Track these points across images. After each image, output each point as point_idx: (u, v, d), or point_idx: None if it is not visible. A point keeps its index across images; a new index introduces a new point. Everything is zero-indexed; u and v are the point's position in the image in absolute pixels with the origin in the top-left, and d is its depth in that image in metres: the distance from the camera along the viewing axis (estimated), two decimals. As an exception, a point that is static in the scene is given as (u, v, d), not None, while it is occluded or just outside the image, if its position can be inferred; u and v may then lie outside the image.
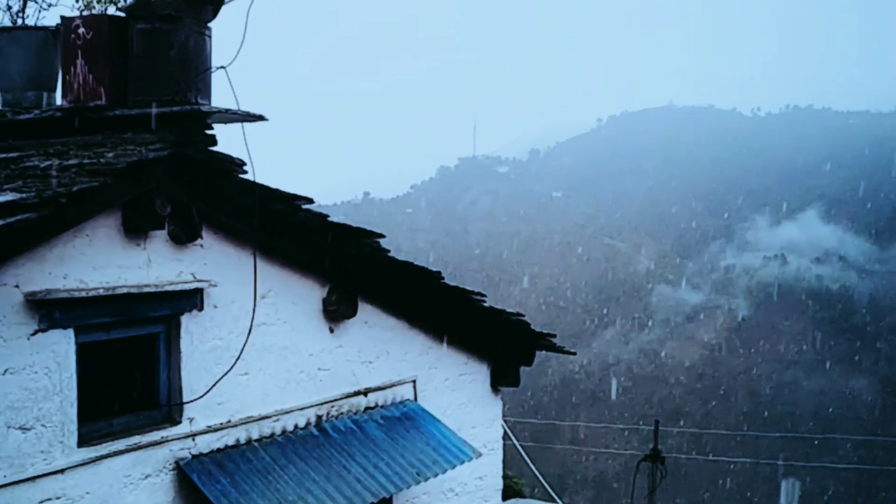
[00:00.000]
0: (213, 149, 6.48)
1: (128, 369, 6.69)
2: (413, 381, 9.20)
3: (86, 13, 6.99)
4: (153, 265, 6.45)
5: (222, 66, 6.54)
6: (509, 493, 18.38)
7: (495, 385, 10.41)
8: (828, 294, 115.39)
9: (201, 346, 6.84)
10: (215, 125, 6.66)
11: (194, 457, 6.79)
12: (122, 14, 6.76)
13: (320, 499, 7.19)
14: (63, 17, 6.87)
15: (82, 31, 6.65)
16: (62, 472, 5.91)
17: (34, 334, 5.74)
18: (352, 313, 8.24)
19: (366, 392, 8.59)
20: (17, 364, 5.67)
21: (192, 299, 6.73)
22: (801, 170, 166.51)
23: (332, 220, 7.61)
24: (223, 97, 6.68)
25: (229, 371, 6.93)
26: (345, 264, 8.06)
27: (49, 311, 5.79)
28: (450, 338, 9.62)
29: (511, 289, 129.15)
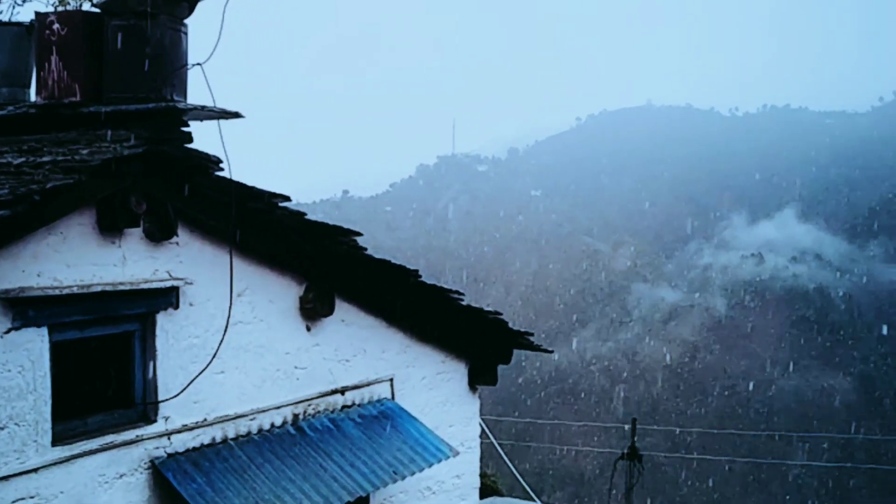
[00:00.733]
0: (189, 146, 6.45)
1: (103, 368, 6.65)
2: (390, 380, 9.20)
3: (60, 9, 6.93)
4: (128, 263, 6.41)
5: (198, 63, 6.51)
6: (488, 491, 18.41)
7: (473, 383, 10.42)
8: (805, 293, 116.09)
9: (177, 344, 6.81)
10: (192, 122, 6.62)
11: (170, 456, 6.76)
12: (97, 10, 6.71)
13: (297, 497, 7.17)
14: (37, 13, 6.82)
15: (57, 27, 6.60)
16: (36, 471, 5.87)
17: (7, 332, 5.69)
18: (329, 312, 8.23)
19: (343, 391, 8.57)
20: (-10, 362, 5.62)
21: (167, 297, 6.70)
22: (778, 169, 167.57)
23: (310, 218, 7.59)
24: (203, 94, 6.66)
25: (205, 369, 6.91)
26: (322, 262, 8.05)
27: (23, 309, 5.74)
28: (427, 336, 9.62)
29: (490, 287, 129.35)
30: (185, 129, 6.48)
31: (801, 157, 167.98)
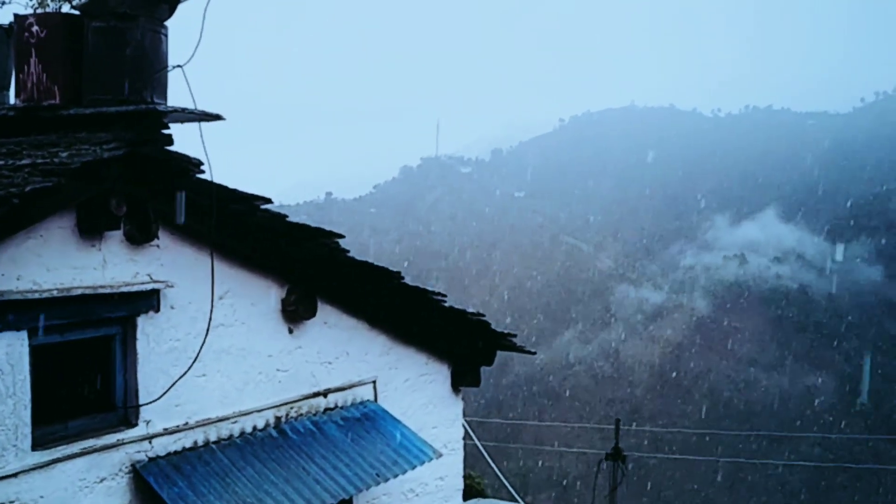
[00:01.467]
0: (170, 148, 6.42)
1: (83, 371, 6.61)
2: (373, 382, 9.19)
3: (40, 11, 6.90)
4: (109, 266, 6.38)
5: (179, 65, 6.48)
6: (472, 492, 18.42)
7: (456, 385, 10.43)
8: (787, 293, 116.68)
9: (158, 347, 6.78)
10: (172, 125, 6.59)
11: (151, 459, 6.73)
12: (76, 12, 6.68)
13: (279, 500, 7.15)
14: (16, 16, 6.77)
15: (36, 29, 6.56)
16: (16, 475, 5.83)
17: (-13, 336, 5.66)
18: (311, 314, 8.21)
19: (325, 393, 8.56)
20: (-31, 367, 5.59)
21: (148, 300, 6.67)
22: (761, 170, 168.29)
23: (292, 220, 7.58)
24: (185, 96, 6.62)
25: (186, 373, 6.88)
26: (304, 265, 8.03)
27: (2, 312, 5.71)
28: (410, 338, 9.61)
29: (474, 289, 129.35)
30: (166, 132, 6.44)
31: (784, 158, 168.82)
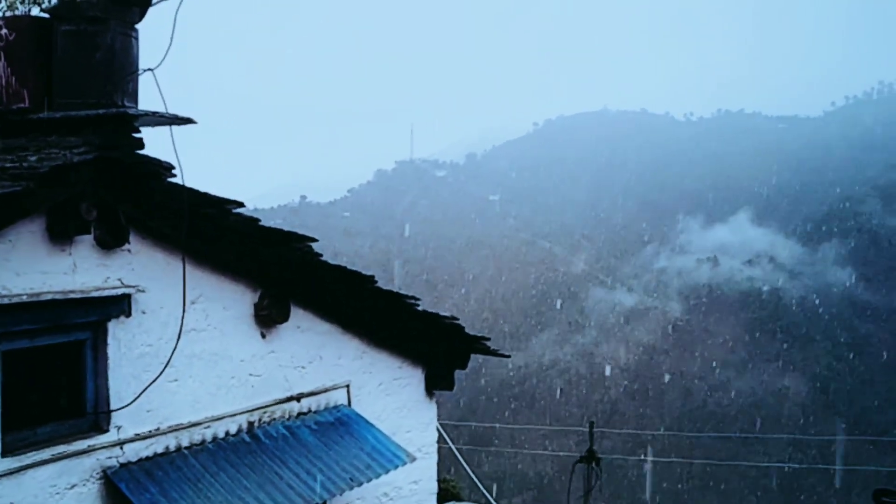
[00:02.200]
0: (141, 152, 6.38)
1: (53, 377, 6.55)
2: (347, 386, 9.16)
3: (8, 14, 6.85)
4: (79, 271, 6.33)
5: (150, 69, 6.44)
6: (447, 496, 18.42)
7: (430, 389, 10.42)
8: (759, 295, 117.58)
9: (129, 352, 6.73)
10: (144, 128, 6.54)
11: (122, 465, 6.68)
12: (46, 15, 6.62)
13: (252, 506, 7.11)
14: (-15, 18, 6.72)
15: (5, 32, 6.50)
16: (-15, 482, 5.77)
17: (-46, 342, 5.61)
18: (284, 318, 8.18)
19: (299, 397, 8.53)
20: (-63, 373, 5.53)
21: (119, 305, 6.62)
22: (732, 173, 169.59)
23: (264, 224, 7.55)
24: (156, 100, 6.57)
25: (158, 378, 6.83)
26: (276, 269, 8.00)
27: (-30, 318, 5.65)
28: (384, 342, 9.60)
29: (449, 292, 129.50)
30: (137, 136, 6.39)
31: (755, 162, 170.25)
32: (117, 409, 6.63)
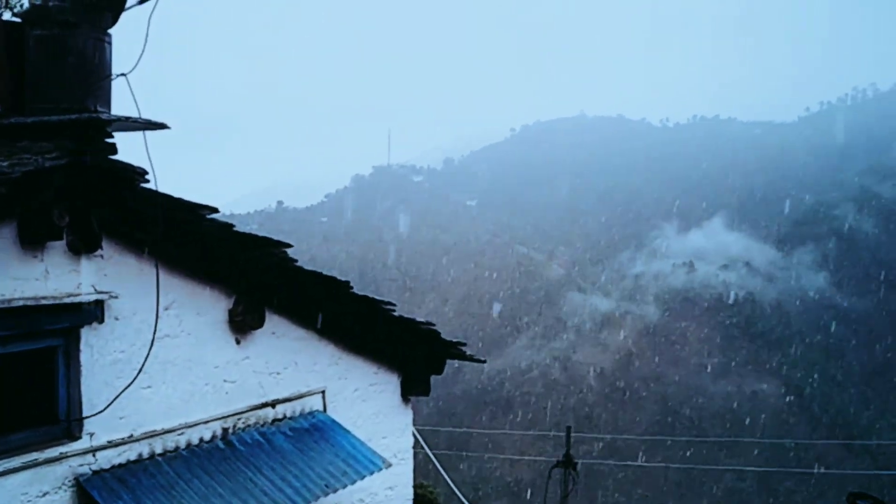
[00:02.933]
0: (114, 157, 6.33)
1: (25, 384, 6.49)
2: (322, 392, 9.14)
3: (-20, 19, 6.78)
4: (51, 277, 6.28)
5: (123, 74, 6.40)
6: (424, 501, 18.38)
7: (405, 394, 10.41)
8: (734, 300, 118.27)
9: (102, 359, 6.69)
10: (118, 134, 6.50)
11: (95, 473, 6.63)
12: (17, 20, 6.57)
13: (226, 513, 7.08)
14: (-44, 23, 6.66)
15: (-24, 36, 6.45)
16: (-46, 491, 5.72)
17: (-76, 349, 5.55)
18: (259, 324, 8.15)
19: (273, 404, 8.50)
20: None
21: (92, 312, 6.57)
22: (708, 179, 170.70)
23: (238, 229, 7.51)
24: (130, 105, 6.52)
25: (131, 384, 6.79)
26: (251, 275, 7.97)
27: (-60, 325, 5.60)
28: (359, 348, 9.58)
29: (426, 297, 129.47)
30: (110, 141, 6.35)
31: (730, 167, 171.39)
32: (90, 416, 6.58)
